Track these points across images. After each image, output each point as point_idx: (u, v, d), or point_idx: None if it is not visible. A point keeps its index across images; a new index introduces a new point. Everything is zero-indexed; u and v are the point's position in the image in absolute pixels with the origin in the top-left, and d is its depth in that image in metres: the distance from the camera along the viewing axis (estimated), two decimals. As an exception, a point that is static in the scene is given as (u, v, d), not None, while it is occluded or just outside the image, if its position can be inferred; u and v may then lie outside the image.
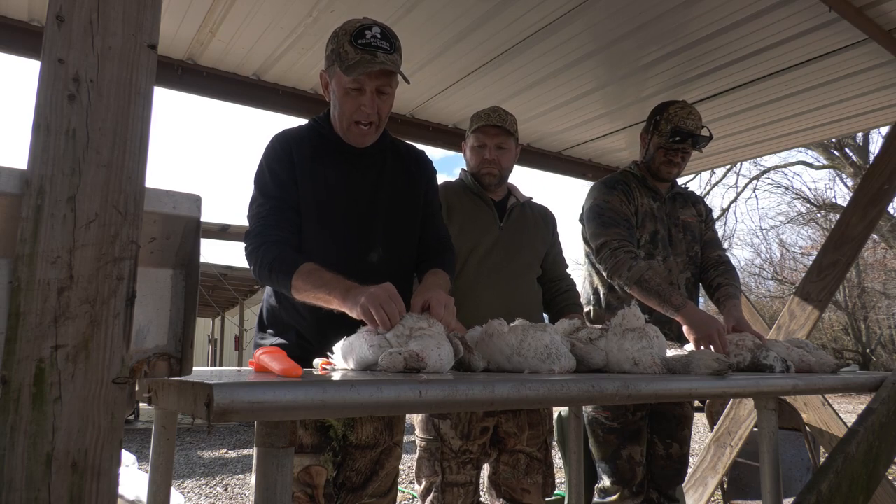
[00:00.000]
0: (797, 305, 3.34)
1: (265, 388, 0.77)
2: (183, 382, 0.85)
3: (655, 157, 2.34)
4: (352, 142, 1.64)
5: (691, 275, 2.35)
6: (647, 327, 1.49)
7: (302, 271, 1.45)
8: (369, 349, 1.23)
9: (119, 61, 0.79)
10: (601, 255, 2.19)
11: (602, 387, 1.14)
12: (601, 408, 2.30)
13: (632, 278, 2.10)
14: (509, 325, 1.47)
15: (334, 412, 0.83)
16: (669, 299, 2.04)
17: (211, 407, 0.72)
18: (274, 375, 1.00)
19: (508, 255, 2.13)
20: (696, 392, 1.38)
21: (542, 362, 1.31)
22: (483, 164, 2.14)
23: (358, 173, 1.66)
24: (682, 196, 2.46)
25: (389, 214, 1.67)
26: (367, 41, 1.50)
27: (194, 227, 0.90)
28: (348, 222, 1.62)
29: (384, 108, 1.60)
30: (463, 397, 0.96)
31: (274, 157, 1.62)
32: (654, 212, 2.34)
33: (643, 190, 2.37)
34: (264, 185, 1.60)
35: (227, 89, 2.80)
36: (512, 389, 1.01)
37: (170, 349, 0.90)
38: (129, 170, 0.79)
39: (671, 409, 2.34)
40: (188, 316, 0.92)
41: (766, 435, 1.69)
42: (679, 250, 2.34)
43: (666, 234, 2.34)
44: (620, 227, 2.21)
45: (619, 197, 2.28)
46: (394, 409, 0.90)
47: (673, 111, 2.29)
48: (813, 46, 2.56)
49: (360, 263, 1.61)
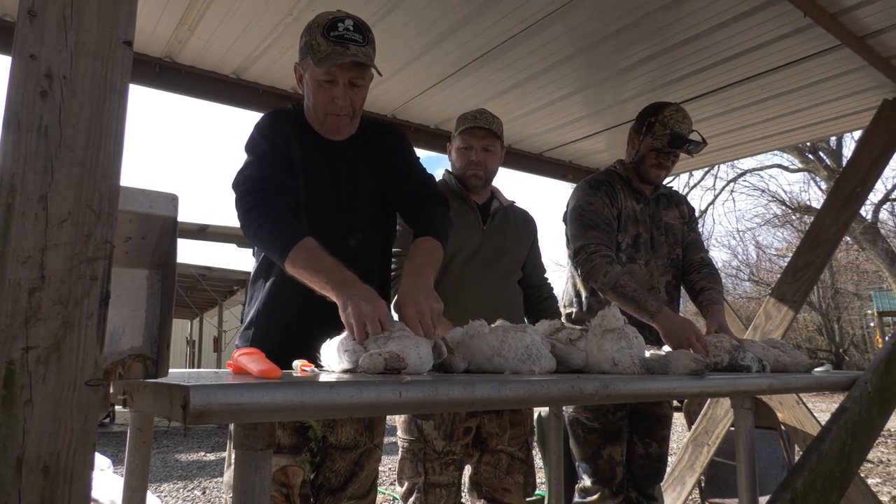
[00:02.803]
0: (773, 306, 3.40)
1: (243, 390, 0.76)
2: (158, 384, 0.83)
3: (646, 159, 2.30)
4: (328, 133, 1.64)
5: (672, 277, 2.35)
6: (626, 328, 1.50)
7: (303, 245, 1.38)
8: (345, 354, 1.23)
9: (93, 58, 0.77)
10: (578, 259, 2.19)
11: (582, 387, 1.15)
12: (582, 408, 2.31)
13: (607, 284, 2.10)
14: (490, 326, 1.47)
15: (313, 413, 0.82)
16: (645, 305, 2.04)
17: (187, 409, 0.71)
18: (252, 377, 0.99)
19: (492, 258, 2.13)
20: (675, 392, 1.40)
21: (523, 363, 1.32)
22: (469, 166, 2.15)
23: (336, 161, 1.65)
24: (666, 197, 2.45)
25: (368, 200, 1.67)
26: (339, 33, 1.49)
27: (171, 227, 0.88)
28: (329, 208, 1.61)
29: (357, 99, 1.59)
30: (443, 398, 0.96)
31: (271, 126, 1.59)
32: (637, 214, 2.33)
33: (627, 191, 2.35)
34: (261, 151, 1.55)
35: (205, 88, 2.76)
36: (492, 390, 1.02)
37: (145, 350, 0.89)
38: (104, 168, 0.77)
39: (650, 409, 2.36)
40: (164, 317, 0.91)
41: (743, 433, 1.71)
42: (661, 253, 2.34)
43: (648, 237, 2.33)
44: (600, 231, 2.20)
45: (602, 199, 2.27)
46: (373, 411, 0.90)
47: (668, 115, 2.24)
48: (788, 51, 2.61)
49: (340, 247, 1.57)
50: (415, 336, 1.24)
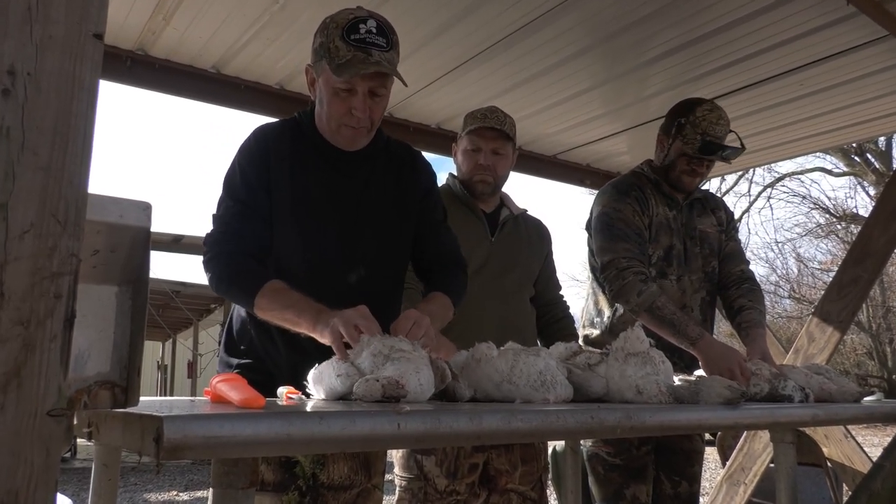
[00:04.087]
0: (816, 327, 3.39)
1: (223, 421, 0.76)
2: (128, 414, 0.83)
3: (676, 165, 2.28)
4: (340, 144, 1.63)
5: (706, 293, 2.34)
6: (651, 351, 1.50)
7: (267, 290, 1.45)
8: (337, 378, 1.23)
9: (61, 52, 0.78)
10: (607, 274, 2.17)
11: (602, 418, 1.14)
12: (602, 442, 2.30)
13: (641, 305, 2.09)
14: (498, 348, 1.47)
15: (301, 447, 0.82)
16: (685, 331, 2.03)
17: (160, 442, 0.71)
18: (233, 406, 0.99)
19: (500, 272, 2.13)
20: (707, 423, 1.39)
21: (536, 390, 1.32)
22: (476, 171, 2.15)
23: (342, 178, 1.63)
24: (701, 202, 2.42)
25: (376, 228, 1.65)
26: (360, 36, 1.47)
27: (143, 239, 0.89)
28: (327, 236, 1.60)
29: (377, 111, 1.58)
30: (447, 430, 0.95)
31: (247, 157, 1.60)
32: (669, 223, 2.32)
33: (658, 197, 2.33)
34: (233, 187, 1.59)
35: (181, 83, 2.79)
36: (502, 421, 1.01)
37: (113, 377, 0.89)
38: (71, 174, 0.78)
39: (679, 443, 2.35)
40: (135, 339, 0.91)
41: (784, 471, 1.70)
42: (694, 267, 2.32)
43: (681, 248, 2.31)
44: (630, 243, 2.18)
45: (631, 206, 2.25)
46: (368, 444, 0.90)
47: (701, 115, 2.21)
48: (830, 43, 2.62)
49: (338, 284, 1.59)
50: (415, 359, 1.23)
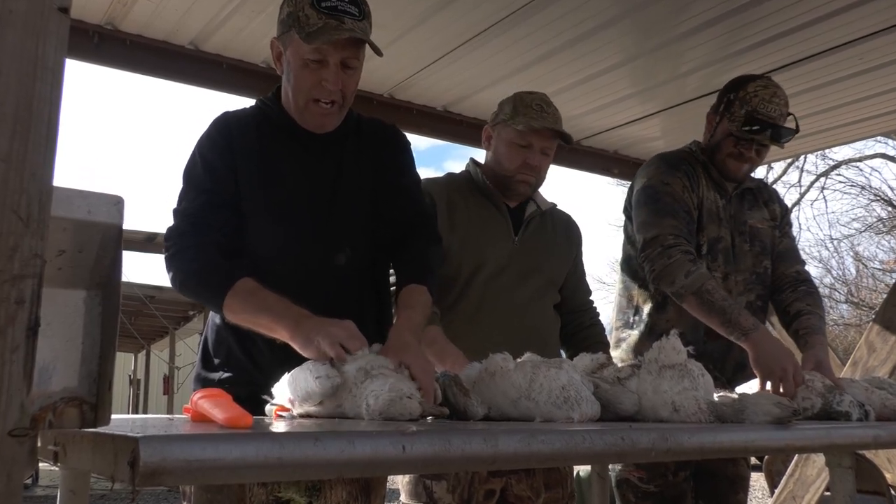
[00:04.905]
0: (877, 335, 3.37)
1: (205, 442, 0.76)
2: (99, 435, 0.84)
3: (722, 147, 2.28)
4: (309, 125, 1.69)
5: (756, 297, 2.33)
6: (689, 363, 1.50)
7: (239, 289, 1.49)
8: (316, 381, 1.25)
9: (22, 29, 0.79)
10: (649, 252, 2.16)
11: (634, 439, 1.14)
12: (633, 466, 2.30)
13: (689, 286, 2.07)
14: (516, 360, 1.47)
15: (294, 472, 0.83)
16: (737, 319, 2.02)
17: (136, 466, 0.71)
18: (216, 425, 1.00)
19: (522, 276, 2.13)
20: (754, 445, 1.39)
21: (558, 408, 1.32)
22: (522, 170, 2.13)
23: (315, 161, 1.70)
24: (753, 193, 2.42)
25: (355, 208, 1.71)
26: (331, 4, 1.54)
27: (114, 237, 0.89)
28: (306, 221, 1.65)
29: (350, 84, 1.64)
30: (458, 453, 0.95)
31: (209, 145, 1.66)
32: (718, 211, 2.31)
33: (708, 181, 2.32)
34: (195, 177, 1.63)
35: (156, 62, 2.80)
36: (520, 443, 1.01)
37: (82, 392, 0.90)
38: (33, 165, 0.78)
39: (722, 468, 2.34)
40: (105, 350, 0.92)
41: (841, 499, 1.69)
42: (743, 266, 2.32)
43: (729, 242, 2.31)
44: (678, 220, 2.18)
45: (681, 181, 2.24)
46: (369, 469, 0.90)
47: (752, 90, 2.22)
48: (893, 11, 2.60)
49: (326, 268, 1.65)
50: (396, 374, 1.28)
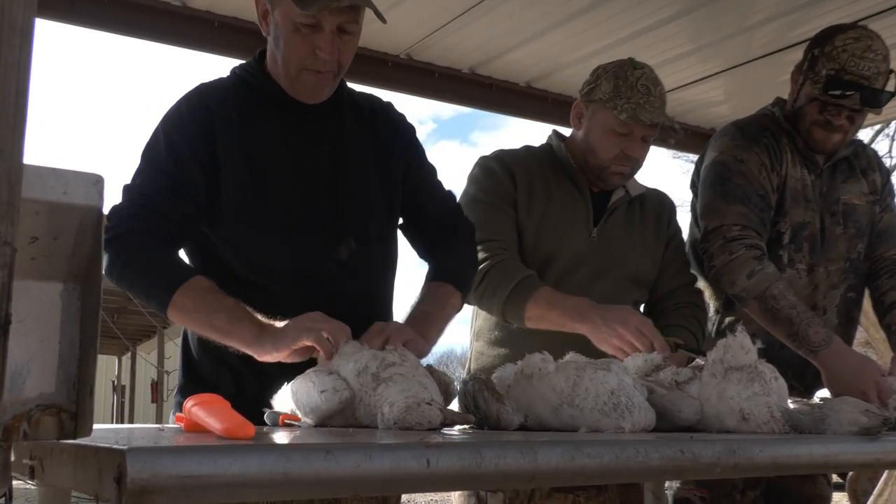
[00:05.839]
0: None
1: (202, 456, 0.77)
2: (81, 447, 0.85)
3: (806, 113, 2.23)
4: (300, 94, 1.69)
5: (848, 288, 2.31)
6: (760, 365, 1.49)
7: (193, 286, 1.50)
8: (321, 395, 1.26)
9: (-14, -19, 0.80)
10: (710, 245, 2.16)
11: (696, 452, 1.14)
12: (695, 484, 2.30)
13: (752, 290, 2.06)
14: (557, 361, 1.47)
15: (303, 490, 0.83)
16: (805, 332, 2.01)
17: (123, 483, 0.72)
18: (214, 436, 1.01)
19: (599, 273, 2.13)
20: (836, 460, 1.38)
21: (606, 416, 1.32)
22: (619, 160, 2.13)
23: (308, 137, 1.71)
24: (848, 163, 2.37)
25: (358, 191, 1.73)
26: None
27: (94, 222, 0.90)
28: (301, 208, 1.67)
29: (347, 52, 1.64)
30: (490, 469, 0.96)
31: (177, 125, 1.66)
32: (805, 191, 2.27)
33: (794, 153, 2.29)
34: (156, 157, 1.64)
35: (138, 21, 2.81)
36: (562, 457, 1.01)
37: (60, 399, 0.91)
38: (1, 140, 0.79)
39: (798, 487, 2.34)
40: (86, 351, 0.92)
41: (941, 523, 1.67)
42: (834, 253, 2.29)
43: (818, 227, 2.28)
44: (749, 206, 2.16)
45: (759, 157, 2.22)
46: (389, 487, 0.91)
47: (841, 44, 2.15)
48: None
49: (327, 263, 1.66)
50: (415, 374, 1.29)
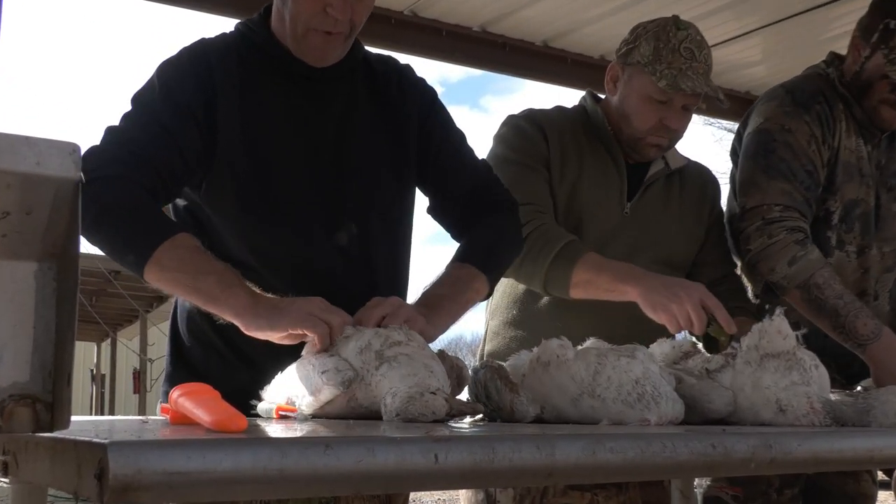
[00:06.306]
0: None
1: (190, 450, 0.77)
2: (59, 441, 0.85)
3: (874, 90, 2.19)
4: (307, 56, 1.69)
5: None
6: (799, 351, 1.49)
7: (180, 242, 1.49)
8: (322, 376, 1.26)
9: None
10: (747, 225, 2.15)
11: (729, 447, 1.14)
12: (727, 481, 2.30)
13: (793, 277, 2.06)
14: (576, 348, 1.47)
15: (300, 488, 0.83)
16: (853, 324, 2.00)
17: (105, 480, 0.72)
18: (203, 429, 1.01)
19: (632, 253, 2.13)
20: (882, 455, 1.38)
21: (630, 407, 1.32)
22: (656, 131, 2.14)
23: (314, 105, 1.71)
24: None
25: (366, 168, 1.72)
26: None
27: (70, 195, 0.89)
28: (301, 183, 1.67)
29: (360, 10, 1.64)
30: (504, 464, 0.95)
31: (177, 76, 1.66)
32: (860, 164, 2.25)
33: (850, 122, 2.26)
34: (149, 103, 1.63)
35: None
36: (582, 451, 1.01)
37: (34, 388, 0.91)
38: (-33, 101, 0.78)
39: (840, 484, 2.35)
40: (63, 336, 0.92)
41: None
42: (890, 233, 2.28)
43: (872, 204, 2.26)
44: (794, 184, 2.15)
45: (809, 127, 2.19)
46: (393, 484, 0.90)
47: None
48: None
49: (323, 249, 1.66)
50: (421, 355, 1.30)
